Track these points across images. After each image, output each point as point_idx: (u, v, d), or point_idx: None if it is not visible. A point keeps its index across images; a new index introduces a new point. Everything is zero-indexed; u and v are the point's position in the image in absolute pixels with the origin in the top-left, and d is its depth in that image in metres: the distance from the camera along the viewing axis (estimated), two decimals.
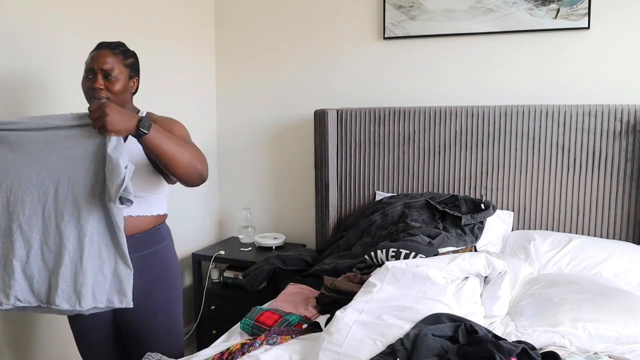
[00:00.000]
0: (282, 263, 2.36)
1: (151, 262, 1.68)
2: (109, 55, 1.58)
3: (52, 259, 1.45)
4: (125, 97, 1.64)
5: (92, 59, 1.59)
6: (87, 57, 1.62)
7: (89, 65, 1.59)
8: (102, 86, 1.57)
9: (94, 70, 1.57)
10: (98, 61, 1.57)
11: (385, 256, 1.80)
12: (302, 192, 2.92)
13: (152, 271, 1.68)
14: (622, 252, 2.03)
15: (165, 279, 1.73)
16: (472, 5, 2.45)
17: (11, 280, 1.44)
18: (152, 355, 1.38)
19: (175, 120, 1.70)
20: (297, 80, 2.87)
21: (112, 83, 1.58)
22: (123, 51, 1.63)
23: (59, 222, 1.44)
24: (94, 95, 1.57)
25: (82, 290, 1.43)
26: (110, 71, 1.57)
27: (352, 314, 1.39)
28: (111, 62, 1.58)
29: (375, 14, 2.66)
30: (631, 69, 2.27)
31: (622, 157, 2.19)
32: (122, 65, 1.61)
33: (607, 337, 1.50)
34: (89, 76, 1.58)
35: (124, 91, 1.62)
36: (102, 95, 1.57)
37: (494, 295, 1.61)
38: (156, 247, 1.70)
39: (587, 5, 2.27)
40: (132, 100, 1.72)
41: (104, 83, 1.57)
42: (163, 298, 1.72)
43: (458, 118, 2.40)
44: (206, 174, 1.59)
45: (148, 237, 1.67)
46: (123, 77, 1.61)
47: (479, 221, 2.15)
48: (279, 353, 1.38)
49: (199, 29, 2.92)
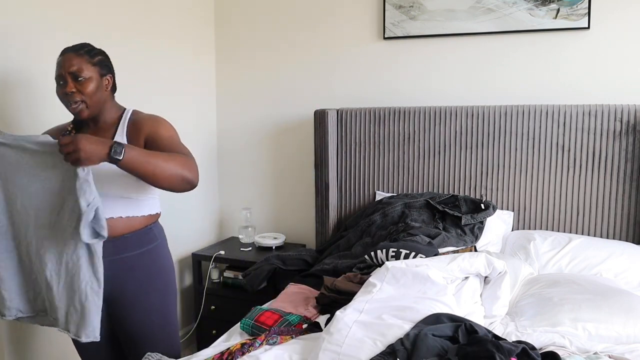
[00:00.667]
0: (282, 263, 2.36)
1: (144, 261, 1.68)
2: (74, 58, 1.56)
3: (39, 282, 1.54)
4: (101, 96, 1.61)
5: (58, 65, 1.57)
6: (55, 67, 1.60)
7: (57, 72, 1.57)
8: (74, 89, 1.55)
9: (63, 76, 1.55)
10: (64, 65, 1.55)
11: (385, 256, 1.80)
12: (302, 192, 2.92)
13: (145, 271, 1.68)
14: (622, 252, 2.03)
15: (159, 278, 1.73)
16: (472, 5, 2.45)
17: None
18: (152, 356, 1.38)
19: (160, 120, 1.67)
20: (297, 80, 2.87)
21: (83, 85, 1.56)
22: (88, 51, 1.60)
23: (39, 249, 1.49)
24: (69, 100, 1.56)
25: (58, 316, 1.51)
26: (78, 73, 1.55)
27: (352, 314, 1.39)
28: (77, 63, 1.55)
29: (375, 14, 2.66)
30: (631, 69, 2.27)
31: (622, 157, 2.19)
32: (89, 65, 1.58)
33: (607, 337, 1.50)
34: (60, 82, 1.57)
35: (98, 91, 1.59)
36: (77, 98, 1.55)
37: (494, 295, 1.61)
38: (149, 247, 1.69)
39: (587, 5, 2.27)
40: (114, 98, 1.70)
41: (74, 86, 1.55)
42: (158, 298, 1.72)
43: (458, 118, 2.40)
44: (196, 180, 1.55)
45: (139, 237, 1.67)
46: (94, 76, 1.58)
47: (479, 221, 2.15)
48: (279, 353, 1.38)
49: (199, 29, 2.92)
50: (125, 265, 1.65)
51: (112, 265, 1.61)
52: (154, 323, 1.71)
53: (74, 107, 1.57)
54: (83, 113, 1.58)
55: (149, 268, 1.69)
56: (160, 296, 1.73)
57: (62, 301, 1.49)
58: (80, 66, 1.55)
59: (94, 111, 1.60)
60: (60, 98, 1.59)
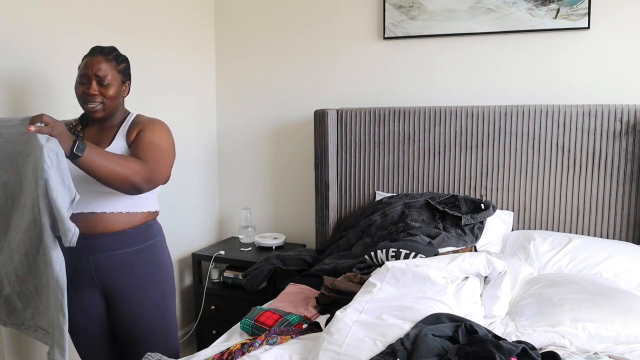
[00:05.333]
0: (282, 263, 2.36)
1: (143, 258, 1.69)
2: (103, 62, 1.61)
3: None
4: (118, 101, 1.68)
5: (85, 65, 1.61)
6: (81, 62, 1.64)
7: (83, 70, 1.61)
8: (97, 91, 1.60)
9: (88, 76, 1.60)
10: (92, 67, 1.59)
11: (385, 256, 1.80)
12: (302, 192, 2.92)
13: (144, 268, 1.70)
14: (622, 252, 2.03)
15: (158, 275, 1.74)
16: (472, 5, 2.45)
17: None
18: (152, 356, 1.38)
19: (156, 124, 1.69)
20: (297, 80, 2.87)
21: (106, 89, 1.61)
22: (116, 57, 1.65)
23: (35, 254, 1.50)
24: (88, 100, 1.60)
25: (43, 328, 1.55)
26: (104, 77, 1.60)
27: (352, 314, 1.39)
28: (105, 68, 1.61)
29: (375, 14, 2.66)
30: (631, 69, 2.27)
31: (622, 157, 2.19)
32: (115, 71, 1.64)
33: (607, 337, 1.50)
34: (83, 81, 1.61)
35: (117, 96, 1.65)
36: (97, 100, 1.61)
37: (494, 295, 1.61)
38: (148, 243, 1.71)
39: (587, 5, 2.27)
40: (124, 103, 1.75)
41: (98, 89, 1.60)
42: (156, 296, 1.73)
43: (458, 118, 2.40)
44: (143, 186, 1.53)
45: (139, 233, 1.68)
46: (116, 82, 1.64)
47: (479, 221, 2.15)
48: (279, 353, 1.38)
49: (199, 29, 2.92)
50: (125, 261, 1.66)
51: (112, 260, 1.63)
52: (152, 319, 1.72)
53: (91, 107, 1.61)
54: (98, 114, 1.63)
55: (148, 264, 1.71)
56: (158, 292, 1.74)
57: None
58: (106, 71, 1.61)
59: (108, 113, 1.66)
60: (78, 94, 1.62)
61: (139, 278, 1.68)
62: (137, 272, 1.68)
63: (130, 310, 1.69)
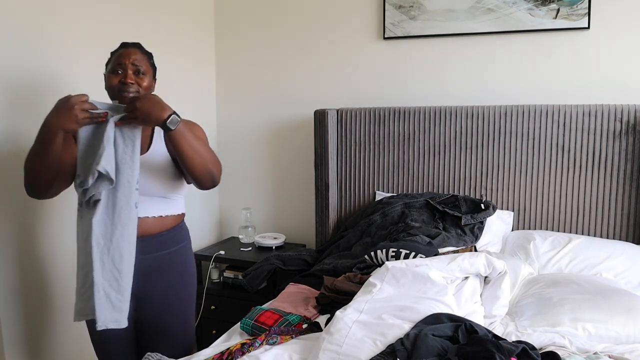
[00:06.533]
0: (282, 263, 2.36)
1: (175, 260, 1.72)
2: (138, 52, 1.63)
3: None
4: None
5: (121, 55, 1.61)
6: (111, 57, 1.64)
7: (118, 60, 1.60)
8: (133, 80, 1.59)
9: (123, 65, 1.59)
10: (129, 56, 1.60)
11: (385, 256, 1.80)
12: (302, 192, 2.92)
13: (175, 270, 1.72)
14: (622, 252, 2.03)
15: (187, 277, 1.78)
16: (472, 5, 2.45)
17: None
18: (152, 356, 1.38)
19: (195, 124, 1.75)
20: (297, 80, 2.87)
21: (141, 79, 1.62)
22: (146, 52, 1.68)
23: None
24: (124, 89, 1.58)
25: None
26: (140, 66, 1.61)
27: (352, 314, 1.39)
28: (140, 58, 1.62)
29: (375, 14, 2.66)
30: (631, 69, 2.27)
31: (622, 157, 2.19)
32: (148, 64, 1.66)
33: (607, 337, 1.50)
34: (117, 71, 1.59)
35: (150, 88, 1.66)
36: (133, 89, 1.58)
37: (494, 295, 1.61)
38: (179, 245, 1.74)
39: (587, 5, 2.27)
40: None
41: (134, 77, 1.60)
42: (183, 297, 1.76)
43: (458, 118, 2.40)
44: (218, 179, 1.65)
45: (171, 236, 1.70)
46: (149, 74, 1.65)
47: (479, 221, 2.15)
48: (279, 353, 1.38)
49: (199, 29, 2.92)
50: (158, 264, 1.68)
51: (146, 263, 1.64)
52: (175, 320, 1.75)
53: (126, 95, 1.58)
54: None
55: (178, 266, 1.73)
56: (185, 294, 1.77)
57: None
58: (142, 62, 1.62)
59: None
60: (111, 86, 1.60)
61: (169, 280, 1.69)
62: (168, 274, 1.69)
63: (158, 310, 1.70)
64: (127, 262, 1.48)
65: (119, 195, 1.47)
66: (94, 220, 1.44)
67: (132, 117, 1.45)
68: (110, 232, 1.46)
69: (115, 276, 1.46)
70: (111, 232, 1.46)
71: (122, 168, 1.47)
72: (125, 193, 1.47)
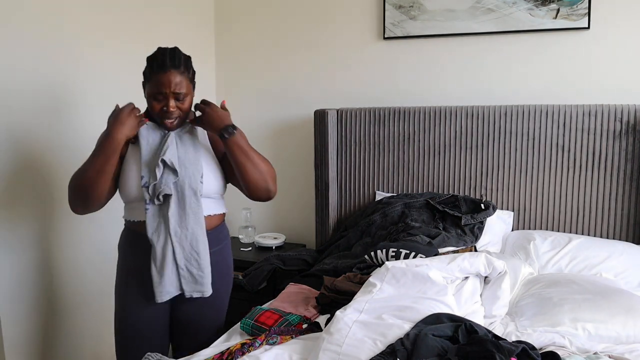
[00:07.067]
0: (282, 263, 2.36)
1: (218, 258, 1.75)
2: (178, 76, 1.61)
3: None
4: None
5: (161, 83, 1.59)
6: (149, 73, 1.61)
7: (159, 88, 1.59)
8: (175, 108, 1.61)
9: (165, 94, 1.59)
10: (169, 85, 1.58)
11: (385, 256, 1.80)
12: (302, 192, 2.92)
13: (218, 268, 1.74)
14: (622, 252, 2.03)
15: (227, 275, 1.82)
16: (472, 5, 2.45)
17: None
18: (152, 356, 1.38)
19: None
20: (297, 80, 2.87)
21: (183, 103, 1.63)
22: (186, 64, 1.66)
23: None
24: (166, 117, 1.62)
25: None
26: (180, 93, 1.61)
27: (352, 314, 1.39)
28: (180, 82, 1.61)
29: (375, 14, 2.66)
30: (631, 69, 2.26)
31: (622, 157, 2.18)
32: (188, 82, 1.66)
33: (607, 337, 1.50)
34: (158, 98, 1.60)
35: (191, 105, 1.69)
36: (175, 115, 1.63)
37: (494, 295, 1.61)
38: (224, 243, 1.81)
39: (587, 5, 2.27)
40: None
41: (175, 104, 1.61)
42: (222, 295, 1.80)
43: (458, 118, 2.40)
44: (274, 192, 1.73)
45: (217, 234, 1.76)
46: (190, 92, 1.67)
47: (479, 221, 2.15)
48: (279, 353, 1.38)
49: (199, 29, 2.92)
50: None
51: None
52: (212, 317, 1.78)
53: (169, 122, 1.64)
54: (176, 127, 1.67)
55: (221, 265, 1.77)
56: (223, 292, 1.81)
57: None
58: (182, 85, 1.62)
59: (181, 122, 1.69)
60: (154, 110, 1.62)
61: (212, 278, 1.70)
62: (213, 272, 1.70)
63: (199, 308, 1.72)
64: (203, 244, 1.65)
65: (186, 188, 1.61)
66: (170, 213, 1.60)
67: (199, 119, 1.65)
68: (184, 220, 1.62)
69: (195, 257, 1.63)
70: (185, 220, 1.62)
71: (186, 164, 1.63)
72: (192, 185, 1.62)
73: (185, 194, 1.61)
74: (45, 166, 2.05)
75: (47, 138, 2.05)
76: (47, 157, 2.06)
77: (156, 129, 1.67)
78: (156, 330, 1.74)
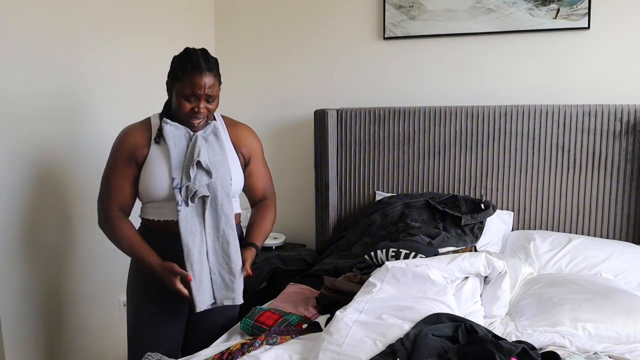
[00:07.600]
0: (282, 263, 2.36)
1: None
2: (211, 78, 1.60)
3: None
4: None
5: (197, 85, 1.57)
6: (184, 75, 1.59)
7: (193, 90, 1.58)
8: (205, 109, 1.61)
9: (198, 95, 1.59)
10: (205, 87, 1.58)
11: (385, 256, 1.80)
12: (302, 192, 2.92)
13: None
14: (622, 252, 2.03)
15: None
16: (472, 5, 2.45)
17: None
18: (152, 356, 1.38)
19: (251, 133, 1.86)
20: (297, 80, 2.87)
21: (212, 104, 1.64)
22: (217, 69, 1.66)
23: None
24: (195, 117, 1.61)
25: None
26: (212, 95, 1.61)
27: (352, 314, 1.39)
28: (213, 85, 1.61)
29: (375, 14, 2.66)
30: (631, 69, 2.27)
31: (622, 157, 2.19)
32: (218, 84, 1.65)
33: (607, 337, 1.50)
34: (190, 100, 1.59)
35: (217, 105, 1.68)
36: (202, 116, 1.62)
37: (494, 295, 1.61)
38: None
39: (587, 5, 2.27)
40: None
41: (206, 106, 1.61)
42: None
43: (458, 118, 2.40)
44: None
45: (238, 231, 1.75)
46: (219, 93, 1.66)
47: (479, 221, 2.15)
48: (279, 353, 1.38)
49: (199, 29, 2.92)
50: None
51: None
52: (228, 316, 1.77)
53: (196, 122, 1.63)
54: (200, 127, 1.67)
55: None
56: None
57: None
58: (214, 88, 1.62)
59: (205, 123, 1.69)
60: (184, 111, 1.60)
61: None
62: None
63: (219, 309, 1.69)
64: (234, 247, 1.63)
65: (218, 189, 1.61)
66: (206, 215, 1.60)
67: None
68: (217, 222, 1.61)
69: (226, 260, 1.62)
70: (217, 222, 1.61)
71: (217, 166, 1.62)
72: (224, 187, 1.62)
73: (217, 195, 1.61)
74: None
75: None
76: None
77: (178, 128, 1.64)
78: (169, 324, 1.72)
